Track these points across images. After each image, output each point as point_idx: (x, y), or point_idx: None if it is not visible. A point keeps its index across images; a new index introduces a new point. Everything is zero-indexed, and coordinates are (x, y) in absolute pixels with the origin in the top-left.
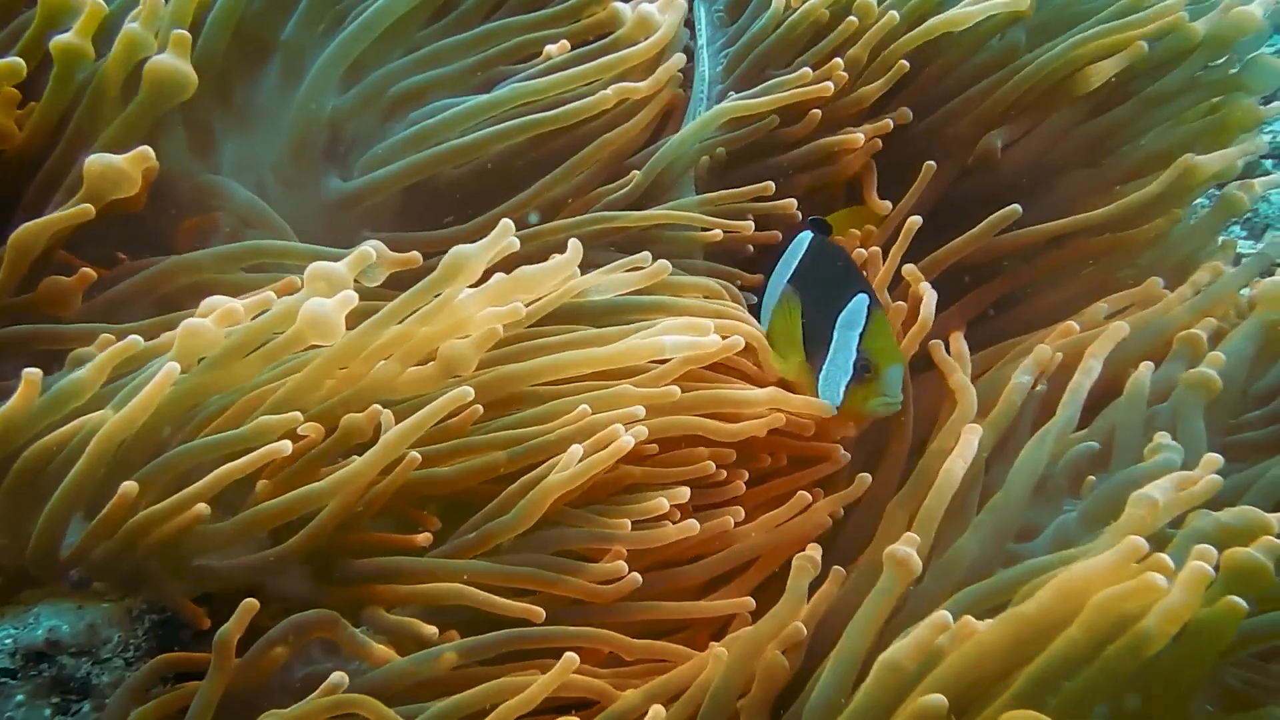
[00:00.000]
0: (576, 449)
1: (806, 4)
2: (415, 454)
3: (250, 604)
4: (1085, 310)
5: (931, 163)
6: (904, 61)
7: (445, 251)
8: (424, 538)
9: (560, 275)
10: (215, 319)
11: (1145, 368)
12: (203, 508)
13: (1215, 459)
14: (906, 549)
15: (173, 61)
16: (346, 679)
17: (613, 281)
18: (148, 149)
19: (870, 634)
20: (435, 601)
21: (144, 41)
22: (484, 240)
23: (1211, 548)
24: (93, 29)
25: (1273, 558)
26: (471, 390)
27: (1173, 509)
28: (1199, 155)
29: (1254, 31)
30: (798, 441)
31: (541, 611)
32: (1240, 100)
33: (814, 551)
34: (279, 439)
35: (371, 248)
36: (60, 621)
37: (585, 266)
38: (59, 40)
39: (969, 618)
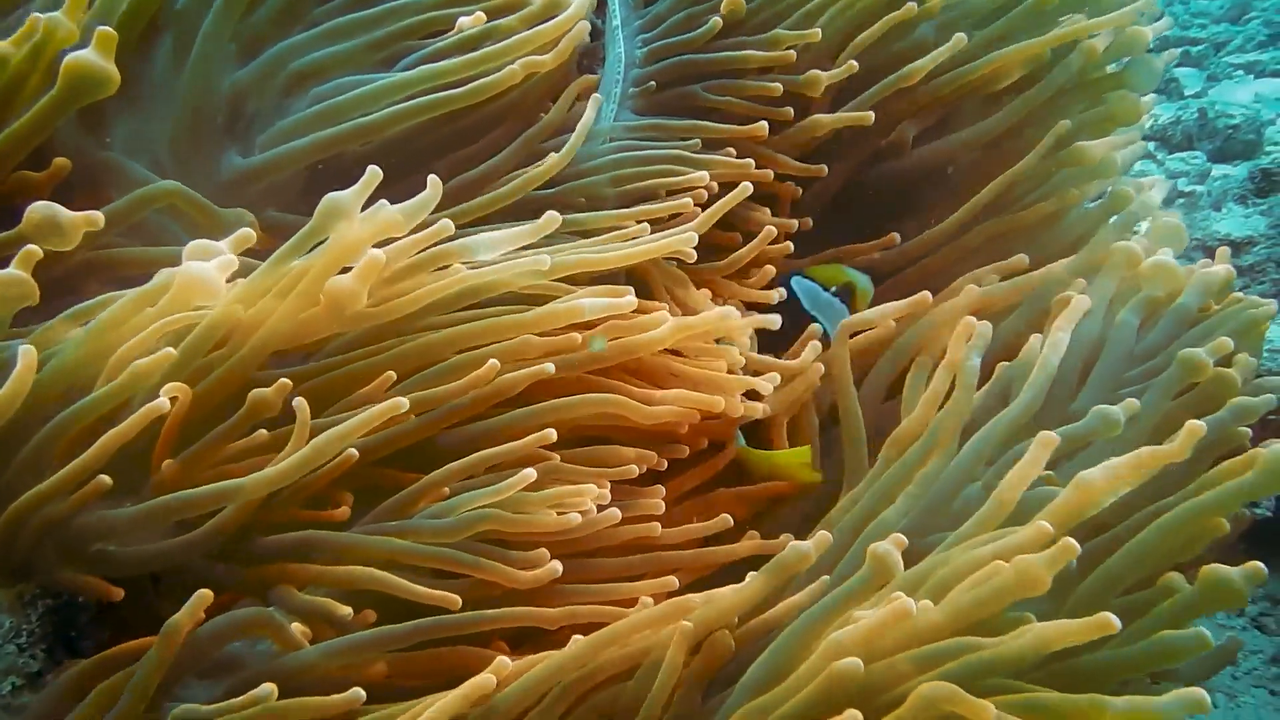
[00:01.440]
0: None
1: None
2: (352, 451)
3: (204, 594)
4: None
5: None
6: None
7: None
8: (341, 513)
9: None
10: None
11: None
12: (102, 480)
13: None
14: (889, 547)
15: (94, 58)
16: (275, 690)
17: (497, 239)
18: (98, 215)
19: (825, 624)
20: (348, 585)
21: (65, 34)
22: (355, 186)
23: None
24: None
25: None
26: (406, 402)
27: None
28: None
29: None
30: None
31: (458, 599)
32: (1124, 95)
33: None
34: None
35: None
36: None
37: None
38: None
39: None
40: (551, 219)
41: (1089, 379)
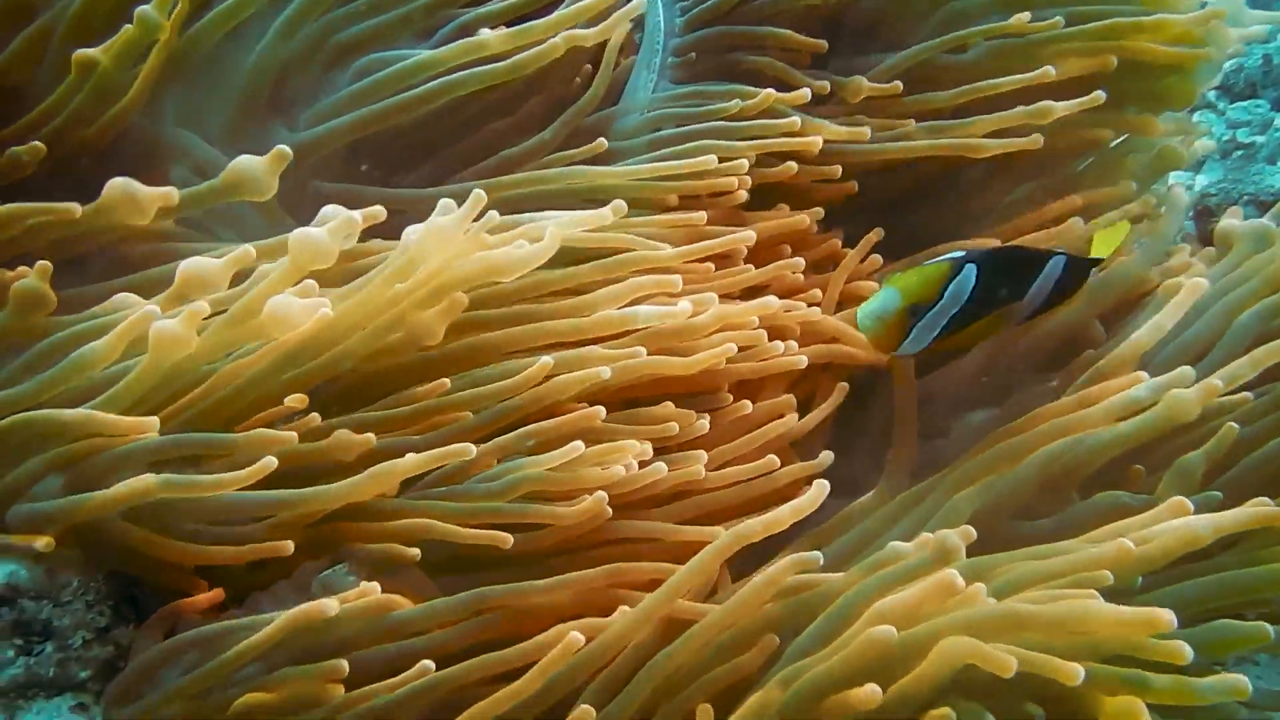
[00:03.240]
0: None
1: None
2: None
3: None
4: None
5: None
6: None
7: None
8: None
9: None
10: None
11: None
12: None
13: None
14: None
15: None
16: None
17: (565, 221)
18: (173, 191)
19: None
20: (405, 539)
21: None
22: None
23: None
24: None
25: None
26: (474, 449)
27: None
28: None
29: None
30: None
31: (508, 538)
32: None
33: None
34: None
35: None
36: (19, 567)
37: None
38: None
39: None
40: (617, 207)
41: None
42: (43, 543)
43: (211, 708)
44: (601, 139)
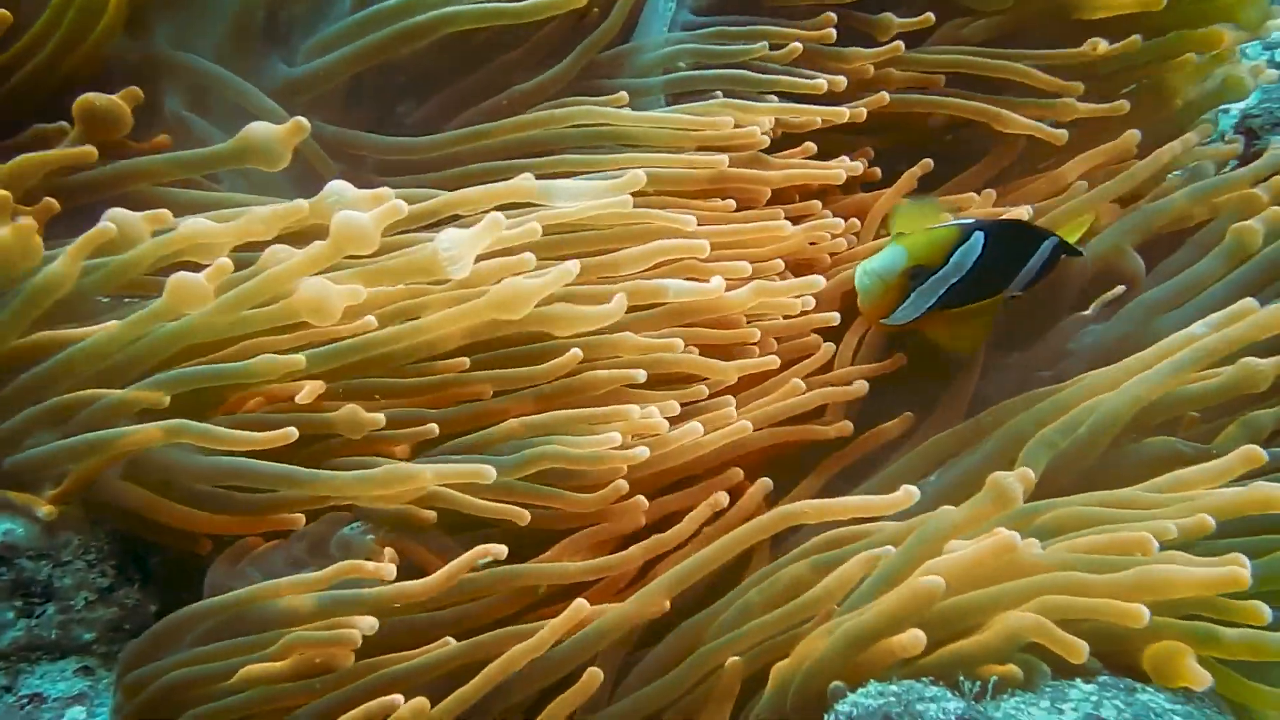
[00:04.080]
0: None
1: None
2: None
3: None
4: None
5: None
6: None
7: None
8: (402, 450)
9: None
10: (208, 276)
11: None
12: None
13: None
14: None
15: None
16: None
17: (579, 189)
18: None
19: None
20: (417, 501)
21: None
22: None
23: None
24: None
25: None
26: (493, 471)
27: None
28: None
29: None
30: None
31: (525, 514)
32: None
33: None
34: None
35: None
36: (15, 525)
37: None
38: None
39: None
40: (635, 178)
41: None
42: (45, 510)
43: (221, 675)
44: (623, 93)
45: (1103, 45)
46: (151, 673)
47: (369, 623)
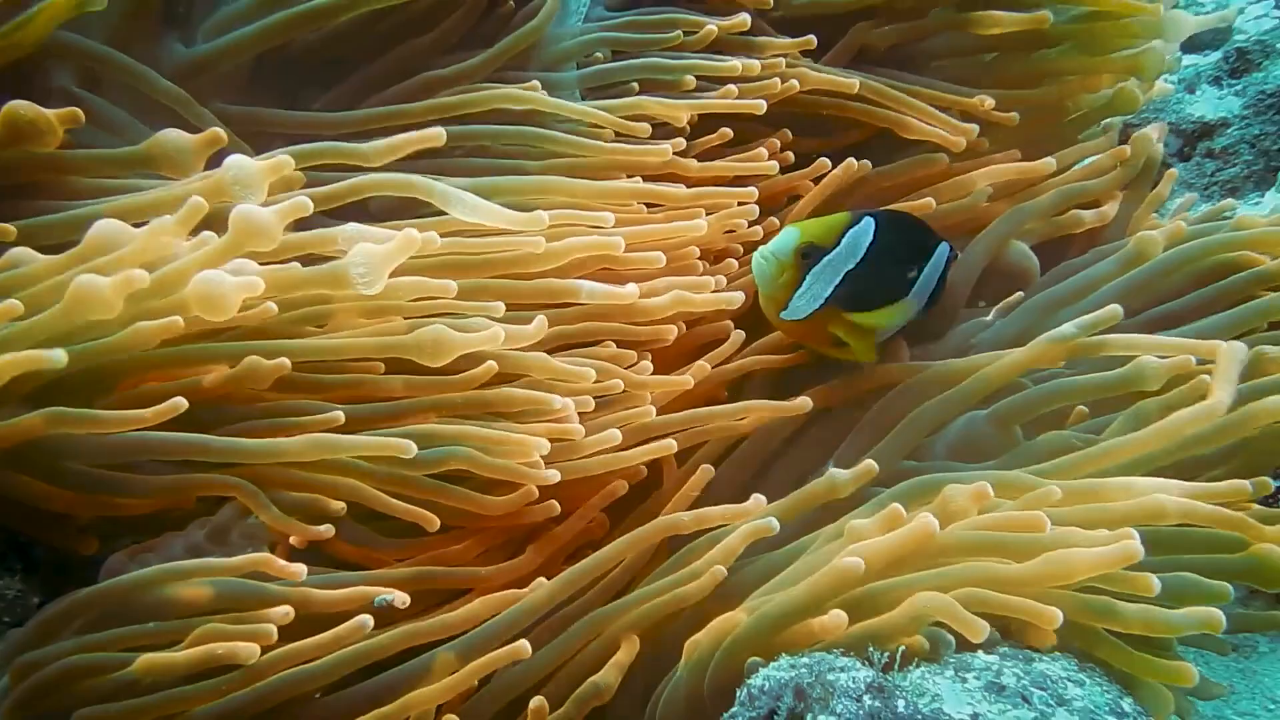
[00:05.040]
0: None
1: None
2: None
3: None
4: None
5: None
6: None
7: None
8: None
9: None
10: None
11: None
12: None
13: None
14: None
15: None
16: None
17: (481, 207)
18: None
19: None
20: (328, 492)
21: None
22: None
23: None
24: None
25: None
26: (413, 446)
27: None
28: None
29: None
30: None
31: (435, 520)
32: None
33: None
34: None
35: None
36: None
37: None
38: None
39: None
40: (537, 218)
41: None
42: None
43: (117, 664)
44: (535, 80)
45: (989, 101)
46: (42, 658)
47: (282, 612)
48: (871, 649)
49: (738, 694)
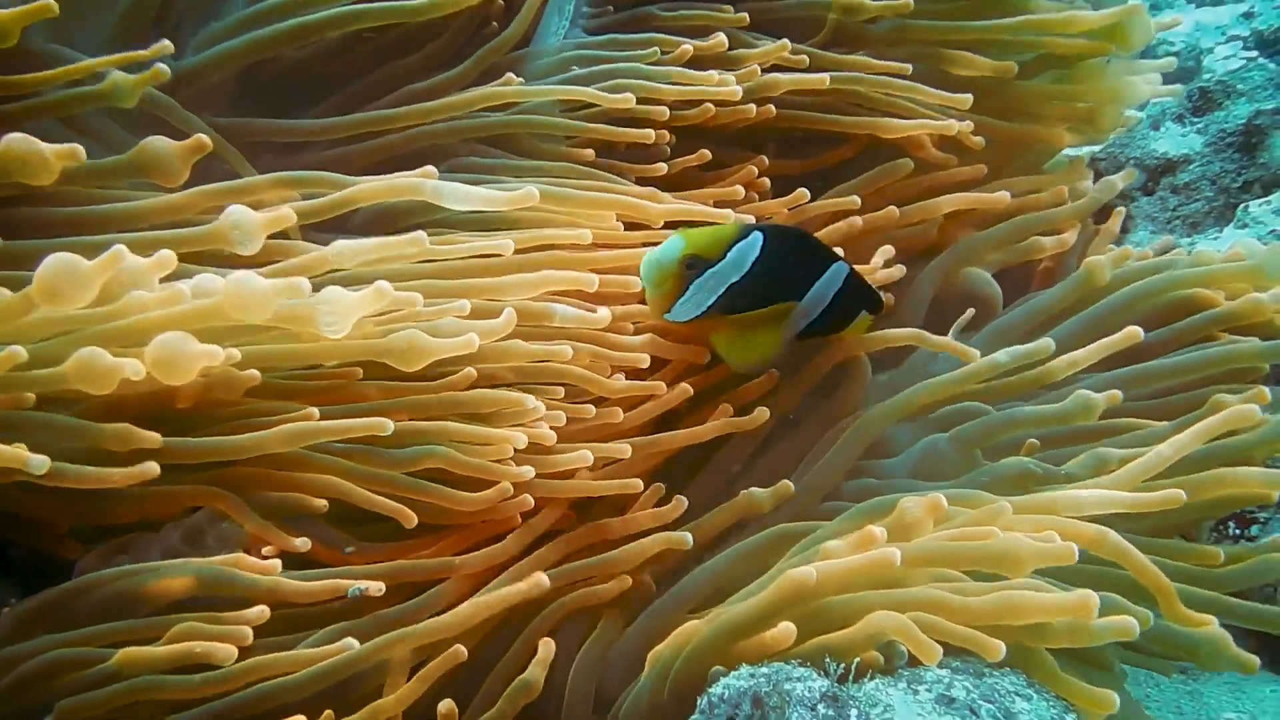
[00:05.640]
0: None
1: None
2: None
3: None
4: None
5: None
6: None
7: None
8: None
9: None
10: None
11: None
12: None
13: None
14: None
15: None
16: None
17: (471, 194)
18: (78, 147)
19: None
20: (307, 491)
21: None
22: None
23: None
24: None
25: None
26: (390, 423)
27: None
28: None
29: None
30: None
31: (413, 516)
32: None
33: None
34: None
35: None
36: None
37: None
38: None
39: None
40: (529, 194)
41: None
42: None
43: (96, 659)
44: (510, 74)
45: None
46: (19, 653)
47: (257, 612)
48: (828, 659)
49: (698, 702)
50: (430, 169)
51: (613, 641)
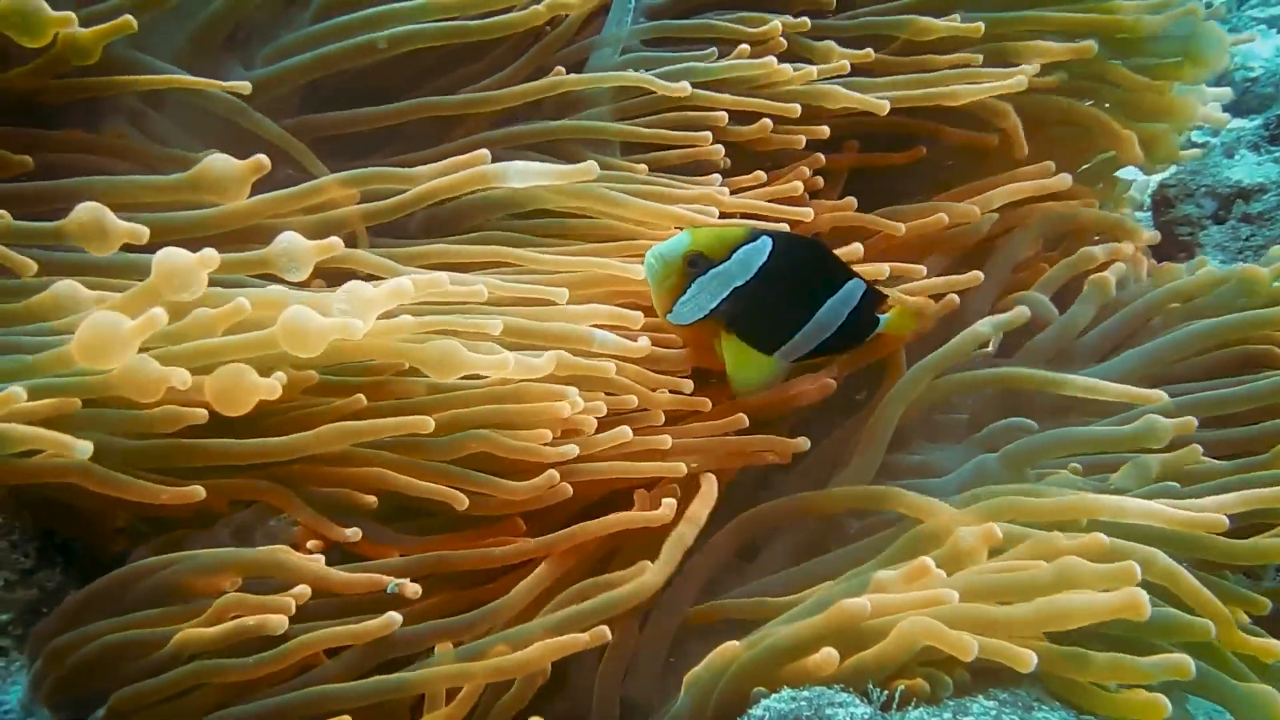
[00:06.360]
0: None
1: None
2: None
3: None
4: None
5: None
6: None
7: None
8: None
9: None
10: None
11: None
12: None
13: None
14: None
15: None
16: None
17: (530, 169)
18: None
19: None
20: (355, 484)
21: None
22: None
23: None
24: None
25: None
26: (431, 421)
27: None
28: None
29: None
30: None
31: (464, 498)
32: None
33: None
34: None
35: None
36: None
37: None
38: None
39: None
40: (589, 168)
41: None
42: None
43: (152, 642)
44: (560, 67)
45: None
46: (77, 639)
47: (302, 589)
48: (871, 686)
49: None
50: (484, 152)
51: (631, 646)
